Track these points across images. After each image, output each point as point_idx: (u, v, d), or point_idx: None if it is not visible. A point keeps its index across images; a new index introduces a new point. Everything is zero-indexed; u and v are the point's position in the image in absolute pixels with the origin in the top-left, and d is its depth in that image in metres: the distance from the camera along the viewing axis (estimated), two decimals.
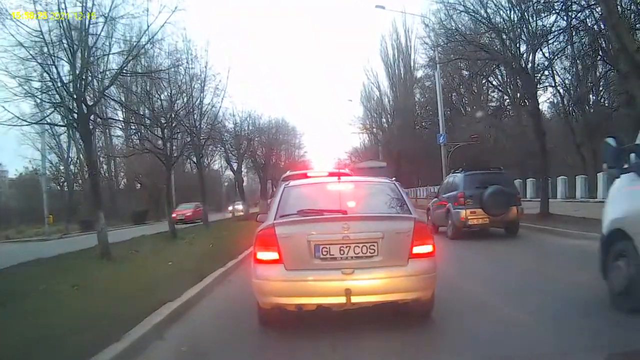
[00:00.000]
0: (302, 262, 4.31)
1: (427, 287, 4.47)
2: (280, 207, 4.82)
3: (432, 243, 4.51)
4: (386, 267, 4.30)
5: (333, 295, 4.27)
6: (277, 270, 4.33)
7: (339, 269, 4.26)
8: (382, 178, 5.85)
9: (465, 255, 9.80)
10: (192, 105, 16.84)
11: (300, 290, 4.32)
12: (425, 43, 24.14)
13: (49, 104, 10.35)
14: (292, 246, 4.35)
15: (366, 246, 4.32)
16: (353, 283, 4.22)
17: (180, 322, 5.16)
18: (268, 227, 4.51)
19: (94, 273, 7.96)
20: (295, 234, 4.38)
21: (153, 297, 5.57)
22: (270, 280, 4.37)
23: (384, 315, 4.65)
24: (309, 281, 4.29)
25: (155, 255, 10.20)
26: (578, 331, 4.31)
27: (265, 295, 4.46)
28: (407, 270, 4.33)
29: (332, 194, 4.92)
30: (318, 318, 4.62)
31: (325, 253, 4.30)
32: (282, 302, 4.42)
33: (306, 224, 4.47)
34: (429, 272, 4.44)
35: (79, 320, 4.66)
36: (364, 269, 4.29)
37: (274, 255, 4.36)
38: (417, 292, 4.42)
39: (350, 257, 4.31)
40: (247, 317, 5.01)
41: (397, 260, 4.35)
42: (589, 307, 5.08)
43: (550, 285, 6.16)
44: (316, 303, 4.37)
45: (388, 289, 4.30)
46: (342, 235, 4.31)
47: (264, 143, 33.32)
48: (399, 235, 4.41)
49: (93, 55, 10.14)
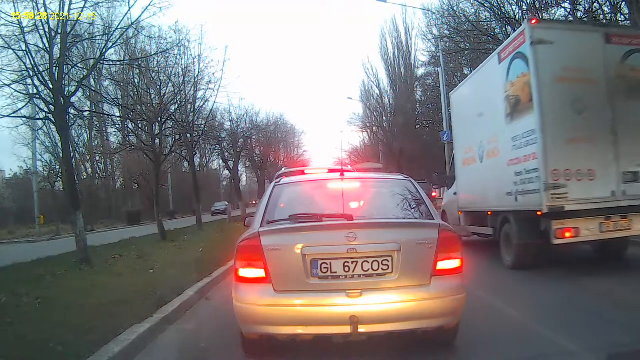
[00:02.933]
0: (295, 282, 3.43)
1: (455, 311, 3.56)
2: (268, 210, 3.91)
3: (460, 257, 3.59)
4: (403, 287, 3.43)
5: (335, 324, 3.37)
6: (264, 291, 3.44)
7: (342, 291, 3.38)
8: (395, 175, 4.93)
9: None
10: (184, 98, 15.93)
11: (293, 317, 3.42)
12: (426, 39, 23.45)
13: (23, 95, 9.50)
14: (283, 261, 3.46)
15: (378, 261, 3.44)
16: (361, 309, 3.33)
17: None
18: (252, 237, 3.58)
19: (65, 283, 7.20)
20: (287, 246, 3.48)
21: (114, 320, 4.66)
22: (255, 304, 3.46)
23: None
24: (304, 306, 3.41)
25: (139, 261, 9.38)
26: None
27: (248, 323, 3.55)
28: (430, 291, 3.44)
29: (333, 195, 3.95)
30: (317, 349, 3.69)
31: (326, 270, 3.43)
32: (271, 332, 3.51)
33: (300, 232, 3.57)
34: (457, 294, 3.52)
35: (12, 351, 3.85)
36: (375, 290, 3.40)
37: (260, 273, 3.45)
38: (442, 319, 3.51)
39: (357, 275, 3.42)
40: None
41: (418, 279, 3.48)
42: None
43: None
44: (313, 333, 3.47)
45: (406, 315, 3.41)
46: (347, 247, 3.42)
47: (261, 141, 32.56)
48: (420, 246, 3.52)
49: (72, 42, 9.35)
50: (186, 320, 5.36)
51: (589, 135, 6.64)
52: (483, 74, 8.89)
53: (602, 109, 6.68)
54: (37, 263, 10.36)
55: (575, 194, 6.48)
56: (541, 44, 6.63)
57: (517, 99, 7.24)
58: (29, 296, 6.08)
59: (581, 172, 6.53)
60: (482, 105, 8.77)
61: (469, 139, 9.52)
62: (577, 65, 6.71)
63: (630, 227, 6.70)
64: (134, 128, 14.84)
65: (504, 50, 7.67)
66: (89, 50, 15.06)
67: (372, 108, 48.09)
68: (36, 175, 30.75)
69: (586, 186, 6.52)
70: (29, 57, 8.97)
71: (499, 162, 7.93)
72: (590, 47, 6.79)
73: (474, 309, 4.24)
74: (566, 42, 6.75)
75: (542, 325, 4.41)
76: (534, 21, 7.10)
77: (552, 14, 15.92)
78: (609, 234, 6.68)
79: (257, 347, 3.77)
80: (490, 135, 8.34)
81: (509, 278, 7.16)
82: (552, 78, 6.65)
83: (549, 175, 6.48)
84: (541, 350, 3.88)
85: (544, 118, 6.59)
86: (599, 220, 6.60)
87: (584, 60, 6.76)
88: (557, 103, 6.65)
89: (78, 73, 10.24)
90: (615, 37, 6.92)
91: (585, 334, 4.14)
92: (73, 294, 6.21)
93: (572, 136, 6.60)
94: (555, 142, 6.57)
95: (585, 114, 6.63)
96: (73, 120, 12.97)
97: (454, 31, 16.92)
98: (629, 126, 6.66)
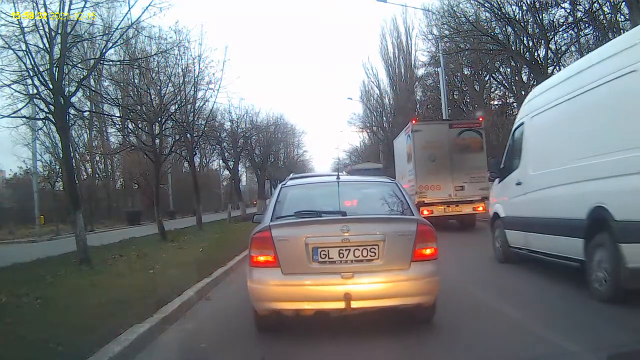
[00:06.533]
0: (299, 266, 4.16)
1: (430, 291, 4.29)
2: (277, 208, 4.70)
3: (435, 246, 4.32)
4: (387, 270, 4.17)
5: (332, 300, 4.11)
6: (274, 273, 4.19)
7: (338, 273, 4.12)
8: (383, 178, 5.69)
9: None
10: (184, 98, 15.89)
11: (298, 295, 4.16)
12: (427, 39, 23.40)
13: (23, 96, 9.48)
14: (289, 249, 4.20)
15: (366, 249, 4.18)
16: (353, 287, 4.08)
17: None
18: (264, 230, 4.35)
19: (65, 283, 7.19)
20: (292, 237, 4.24)
21: (114, 320, 4.64)
22: (267, 284, 4.22)
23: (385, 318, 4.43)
24: (306, 285, 4.14)
25: (139, 261, 9.35)
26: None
27: (261, 300, 4.30)
28: (409, 274, 4.18)
29: (331, 195, 4.64)
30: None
31: (324, 256, 4.16)
32: (279, 307, 4.24)
33: (303, 226, 4.32)
34: (432, 276, 4.27)
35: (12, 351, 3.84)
36: (364, 272, 4.14)
37: (270, 259, 4.22)
38: (419, 297, 4.25)
39: (349, 260, 4.16)
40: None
41: (399, 264, 4.20)
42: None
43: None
44: (314, 308, 4.20)
45: (389, 293, 4.17)
46: (341, 237, 4.15)
47: (261, 141, 32.50)
48: (401, 237, 4.25)
49: (72, 42, 9.33)
50: (186, 320, 5.35)
51: (437, 170, 13.71)
52: (400, 137, 16.82)
53: (445, 159, 13.80)
54: (37, 263, 10.35)
55: (430, 196, 13.75)
56: (416, 132, 14.15)
57: (409, 153, 14.79)
58: (29, 296, 6.07)
59: (434, 186, 13.75)
60: (403, 152, 16.07)
61: (401, 169, 16.61)
62: (433, 140, 13.98)
63: (461, 210, 13.71)
64: (134, 128, 14.75)
65: (407, 130, 15.07)
66: (89, 50, 15.07)
67: (372, 108, 48.06)
68: (36, 175, 30.62)
69: (436, 192, 13.73)
70: (29, 57, 8.96)
71: (406, 183, 14.40)
72: (440, 131, 14.29)
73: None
74: (428, 130, 14.39)
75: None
76: (414, 121, 14.74)
77: (552, 14, 15.94)
78: (448, 213, 13.72)
79: (268, 322, 4.49)
80: (406, 170, 15.35)
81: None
82: (420, 146, 14.03)
83: (418, 187, 13.83)
84: (540, 347, 3.93)
85: (416, 163, 14.13)
86: (443, 207, 13.66)
87: (436, 137, 14.01)
88: (422, 157, 13.98)
89: (78, 73, 10.24)
90: (454, 124, 14.58)
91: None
92: (73, 294, 6.22)
93: (429, 171, 13.82)
94: (421, 173, 13.94)
95: (436, 162, 13.80)
96: (73, 120, 12.95)
97: (454, 31, 16.89)
98: (458, 166, 13.67)
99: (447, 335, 4.43)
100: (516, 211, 7.51)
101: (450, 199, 13.50)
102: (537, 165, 6.83)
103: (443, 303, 4.73)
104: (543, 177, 6.55)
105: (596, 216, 5.16)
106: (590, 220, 5.25)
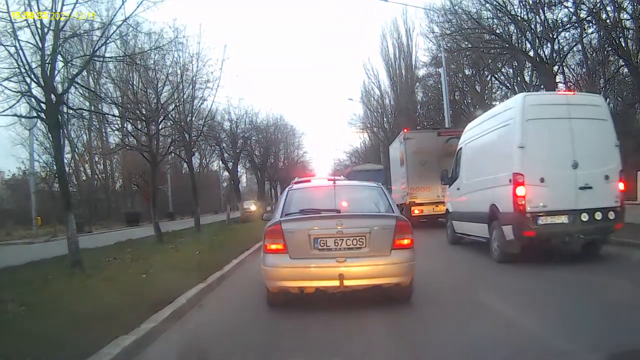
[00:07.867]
0: (303, 252, 5.23)
1: (407, 273, 5.33)
2: (285, 206, 5.77)
3: (411, 237, 5.36)
4: (372, 256, 5.22)
5: (329, 279, 5.16)
6: (283, 258, 5.26)
7: (333, 258, 5.17)
8: (370, 182, 6.77)
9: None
10: (182, 97, 15.59)
11: (302, 275, 5.22)
12: (428, 38, 23.14)
13: (14, 93, 9.19)
14: (295, 239, 5.26)
15: (356, 239, 5.24)
16: (345, 269, 5.13)
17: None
18: (275, 224, 5.43)
19: (54, 288, 6.86)
20: (298, 229, 5.30)
21: (97, 332, 4.35)
22: (277, 267, 5.29)
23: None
24: (309, 267, 5.22)
25: (132, 264, 9.08)
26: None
27: (273, 279, 5.37)
28: (390, 259, 5.22)
29: (328, 196, 5.71)
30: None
31: (323, 245, 5.23)
32: (287, 285, 5.32)
33: (307, 220, 5.41)
34: (408, 261, 5.32)
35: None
36: (354, 257, 5.19)
37: (280, 246, 5.27)
38: (398, 278, 5.28)
39: (343, 248, 5.23)
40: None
41: (382, 251, 5.23)
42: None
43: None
44: (315, 286, 5.27)
45: (374, 274, 5.22)
46: (336, 230, 5.22)
47: (261, 142, 32.23)
48: (384, 230, 5.30)
49: (64, 39, 9.05)
50: (176, 331, 5.06)
51: (427, 174, 15.15)
52: (395, 144, 18.73)
53: (434, 164, 15.01)
54: (30, 266, 10.06)
55: (420, 196, 15.69)
56: (407, 139, 16.16)
57: (401, 158, 16.77)
58: (14, 302, 5.77)
59: (424, 188, 15.60)
60: (396, 157, 18.00)
61: (395, 173, 18.56)
62: (423, 146, 15.90)
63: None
64: (133, 129, 14.44)
65: (400, 137, 17.07)
66: (88, 48, 14.79)
67: (372, 109, 47.83)
68: (33, 176, 30.35)
69: (426, 193, 15.59)
70: (20, 54, 8.70)
71: (400, 185, 17.35)
72: (430, 138, 16.17)
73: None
74: (419, 137, 16.34)
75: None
76: (406, 130, 16.82)
77: (555, 14, 15.71)
78: (436, 212, 14.99)
79: (277, 298, 5.61)
80: (400, 173, 17.31)
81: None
82: (411, 152, 16.00)
83: (409, 189, 15.84)
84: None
85: (408, 167, 16.07)
86: (432, 206, 15.37)
87: (426, 144, 15.90)
88: (414, 162, 15.93)
89: (73, 71, 9.95)
90: (443, 132, 16.42)
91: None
92: (60, 300, 5.92)
93: (420, 174, 15.66)
94: (412, 177, 15.88)
95: (426, 165, 15.49)
96: (67, 119, 12.66)
97: (456, 29, 16.63)
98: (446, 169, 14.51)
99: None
100: (457, 207, 10.91)
101: (439, 200, 14.80)
102: (467, 177, 10.32)
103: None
104: (469, 185, 10.01)
105: (492, 210, 8.57)
106: (489, 212, 8.64)
